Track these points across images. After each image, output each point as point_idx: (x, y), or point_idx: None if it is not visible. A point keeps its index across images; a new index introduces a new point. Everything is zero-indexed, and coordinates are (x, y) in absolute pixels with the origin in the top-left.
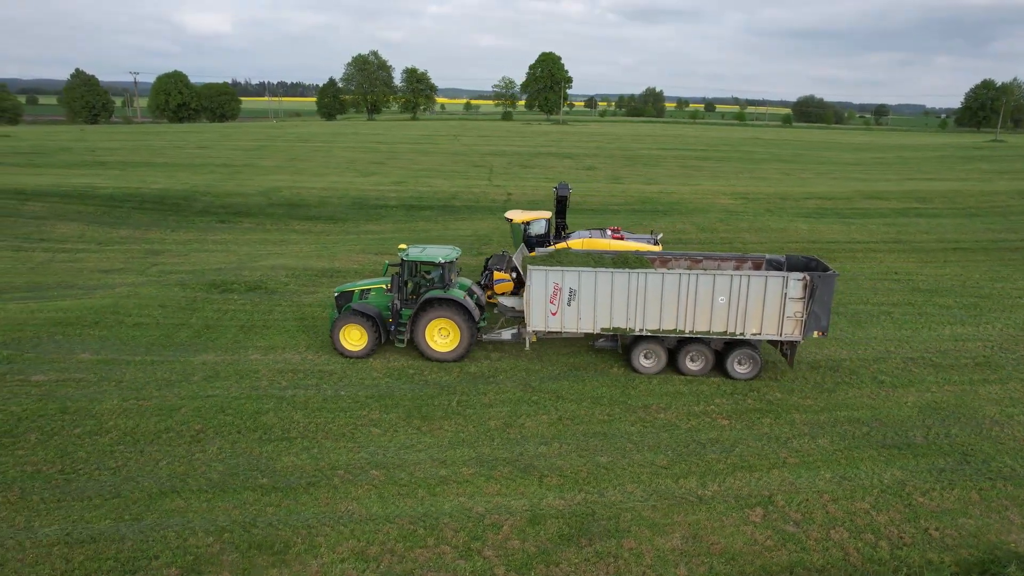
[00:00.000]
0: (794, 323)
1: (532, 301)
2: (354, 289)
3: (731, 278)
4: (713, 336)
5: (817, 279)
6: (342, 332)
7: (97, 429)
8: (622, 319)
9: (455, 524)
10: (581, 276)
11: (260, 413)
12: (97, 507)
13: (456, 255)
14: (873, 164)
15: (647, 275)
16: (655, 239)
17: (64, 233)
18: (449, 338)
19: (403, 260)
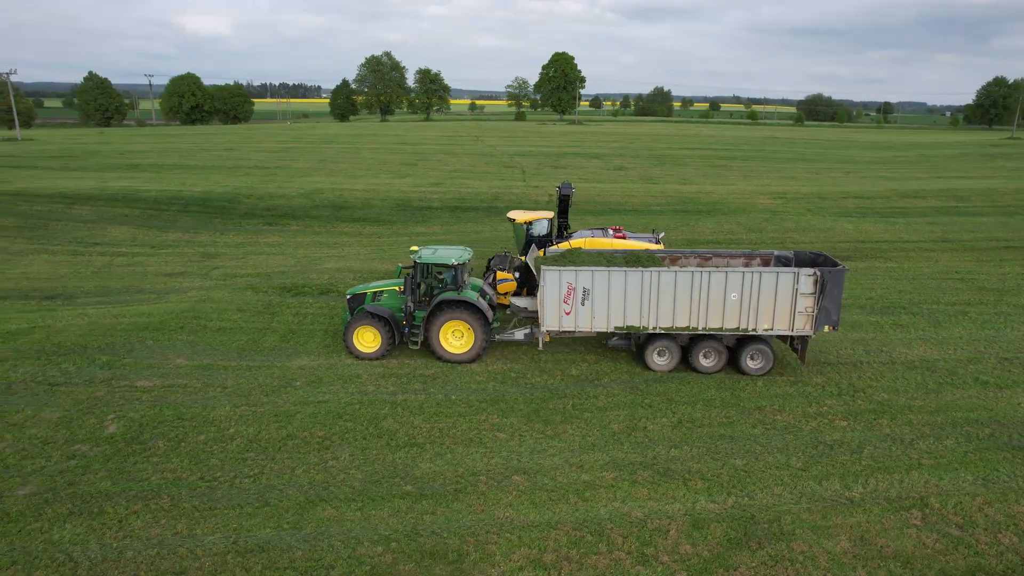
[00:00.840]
0: (805, 318)
1: (546, 301)
2: (367, 291)
3: (743, 275)
4: (726, 332)
5: (827, 274)
6: (356, 334)
7: (221, 436)
8: (636, 317)
9: (620, 530)
10: (595, 275)
11: (379, 419)
12: (251, 515)
13: (468, 256)
14: (897, 162)
15: (660, 273)
16: (657, 238)
17: (116, 236)
18: (463, 339)
19: (416, 262)
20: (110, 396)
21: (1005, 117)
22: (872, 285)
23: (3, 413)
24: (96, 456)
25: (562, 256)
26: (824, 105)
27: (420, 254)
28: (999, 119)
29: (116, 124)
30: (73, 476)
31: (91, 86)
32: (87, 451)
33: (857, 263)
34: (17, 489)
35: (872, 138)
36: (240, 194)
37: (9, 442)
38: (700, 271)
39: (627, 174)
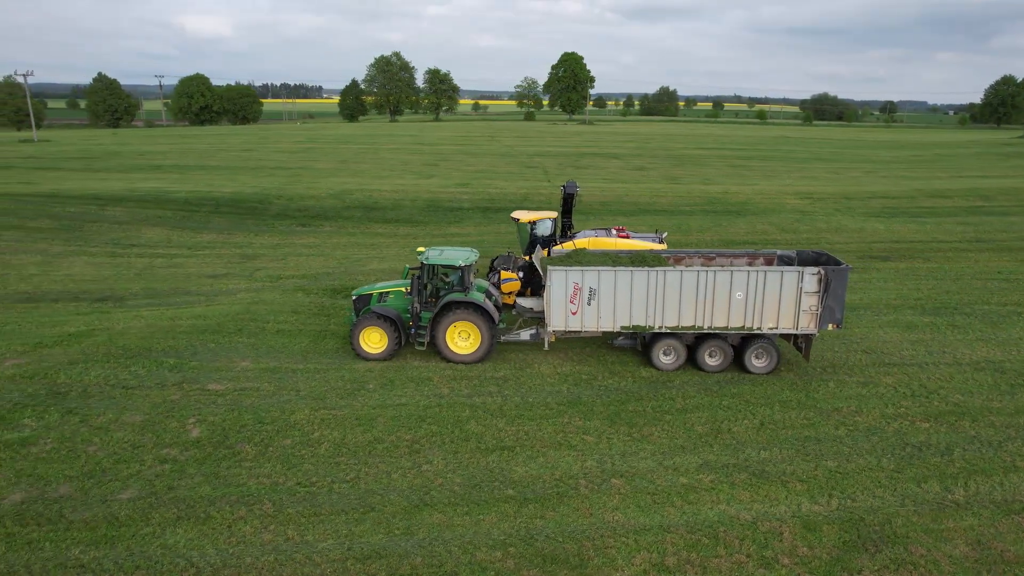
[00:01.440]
0: (809, 317)
1: (552, 301)
2: (372, 292)
3: (748, 274)
4: (731, 331)
5: (831, 273)
6: (362, 335)
7: (307, 440)
8: (642, 317)
9: (734, 533)
10: (601, 275)
11: (461, 422)
12: (358, 521)
13: (475, 258)
14: (914, 162)
15: (666, 273)
16: (660, 238)
17: (151, 238)
18: (470, 340)
19: (422, 263)
20: (185, 399)
21: (1014, 116)
22: (918, 286)
23: (86, 416)
24: (187, 460)
25: (568, 256)
26: (830, 104)
27: (427, 255)
28: (1007, 118)
29: (125, 125)
30: (170, 480)
31: (100, 87)
32: (177, 455)
33: (897, 264)
34: (119, 493)
35: (883, 137)
36: (270, 195)
37: (99, 445)
38: (706, 270)
39: (649, 174)
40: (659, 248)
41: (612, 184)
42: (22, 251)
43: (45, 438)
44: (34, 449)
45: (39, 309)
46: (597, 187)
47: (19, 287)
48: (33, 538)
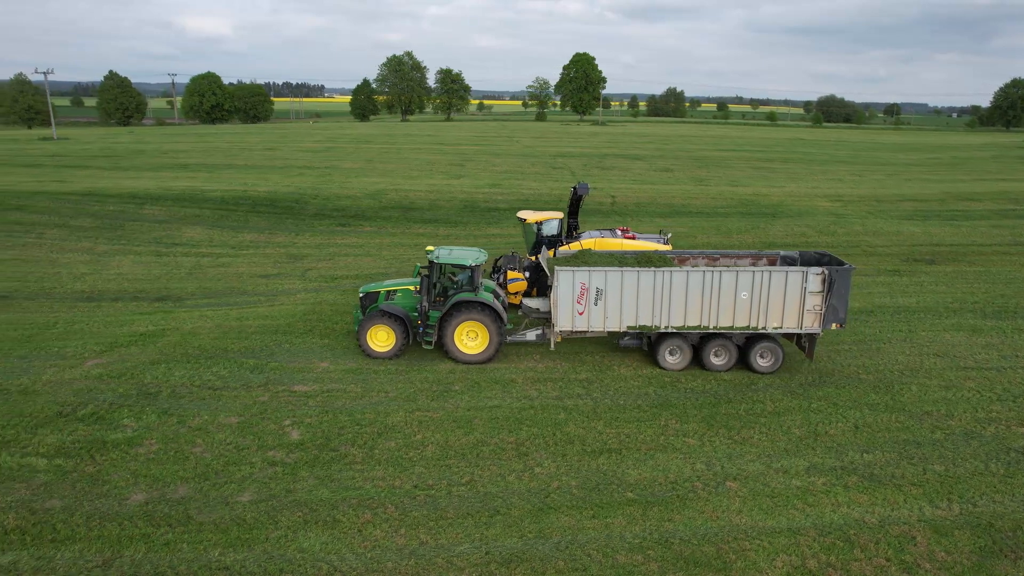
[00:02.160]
0: (813, 316)
1: (560, 301)
2: (380, 290)
3: (753, 274)
4: (736, 331)
5: (835, 273)
6: (369, 333)
7: (410, 442)
8: (648, 317)
9: (865, 536)
10: (608, 276)
11: (559, 424)
12: (486, 524)
13: (484, 258)
14: (933, 164)
15: (672, 273)
16: (665, 239)
17: (192, 237)
18: (478, 340)
19: (432, 262)
20: (275, 401)
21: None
22: (971, 289)
23: (182, 417)
24: (296, 463)
25: (574, 257)
26: (837, 106)
27: (437, 254)
28: (1017, 121)
29: (135, 123)
30: (285, 483)
31: (111, 85)
32: (283, 458)
33: (943, 267)
34: (238, 495)
35: (895, 140)
36: (305, 195)
37: (203, 447)
38: (711, 270)
39: (675, 176)
40: (665, 249)
41: (642, 185)
42: (68, 250)
43: (148, 439)
44: (141, 450)
45: (102, 308)
46: (628, 188)
47: (75, 286)
48: (169, 539)
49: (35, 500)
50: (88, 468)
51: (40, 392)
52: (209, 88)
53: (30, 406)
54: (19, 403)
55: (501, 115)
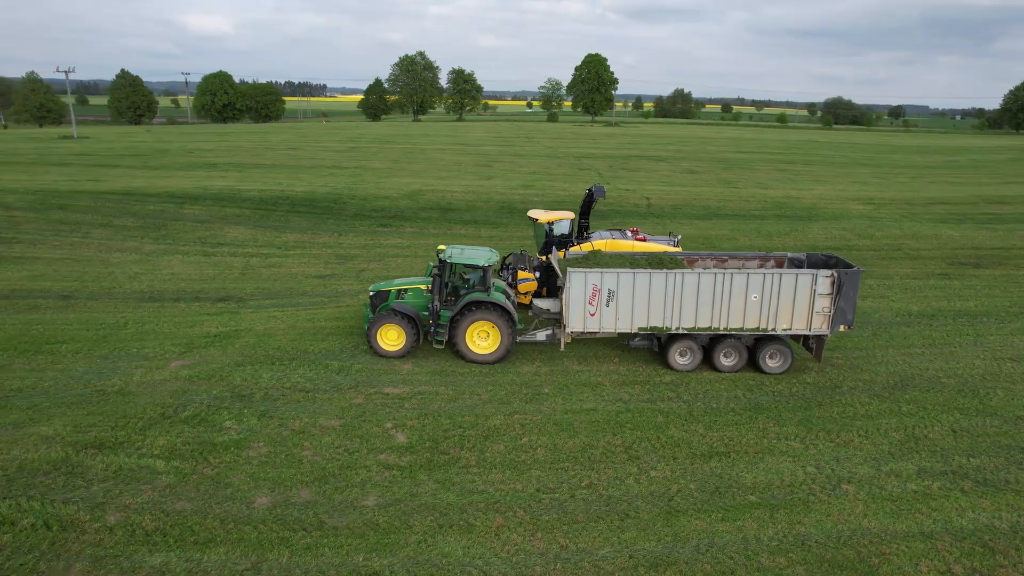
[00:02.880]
0: (822, 318)
1: (572, 302)
2: (391, 289)
3: (764, 276)
4: (746, 332)
5: (844, 276)
6: (380, 332)
7: (518, 445)
8: (659, 318)
9: (1004, 542)
10: (620, 277)
11: (660, 427)
12: (620, 528)
13: (496, 258)
14: (954, 167)
15: (684, 275)
16: (674, 241)
17: (236, 236)
18: (489, 340)
19: (444, 261)
20: (370, 403)
21: None
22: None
23: (283, 420)
24: (411, 466)
25: (585, 258)
26: (844, 108)
27: (449, 254)
28: None
29: (146, 122)
30: (407, 487)
31: (123, 84)
32: (397, 461)
33: (991, 270)
34: (363, 500)
35: (909, 142)
36: (342, 195)
37: (312, 450)
38: (723, 273)
39: (702, 178)
40: (674, 251)
41: (672, 187)
42: (116, 249)
43: (255, 441)
44: (251, 452)
45: (165, 308)
46: (660, 190)
47: (133, 286)
48: (309, 543)
49: (164, 502)
50: (206, 471)
51: (136, 393)
52: (221, 87)
53: (131, 407)
54: (119, 404)
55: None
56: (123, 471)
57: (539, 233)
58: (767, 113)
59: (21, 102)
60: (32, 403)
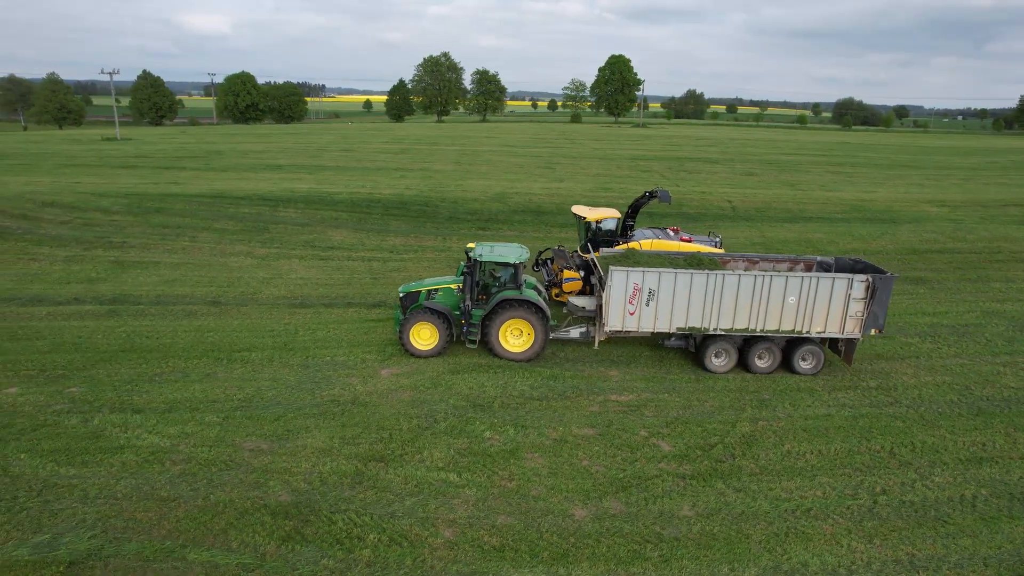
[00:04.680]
0: (855, 322)
1: (612, 301)
2: (421, 289)
3: (801, 279)
4: (781, 334)
5: (879, 280)
6: (413, 330)
7: (784, 452)
8: (697, 319)
9: None
10: (661, 277)
11: (904, 432)
12: (950, 535)
13: (527, 255)
14: (996, 168)
15: (724, 276)
16: (715, 241)
17: (342, 240)
18: (522, 338)
19: (475, 260)
20: (609, 411)
21: None
22: None
23: (537, 428)
24: (697, 474)
25: (624, 257)
26: (856, 109)
27: (479, 252)
28: None
29: (168, 122)
30: (714, 497)
31: (145, 84)
32: (679, 469)
33: None
34: (679, 509)
35: (937, 143)
36: (431, 198)
37: (590, 459)
38: (762, 275)
39: (763, 180)
40: (715, 251)
41: (742, 190)
42: (229, 253)
43: (527, 452)
44: (532, 464)
45: (321, 315)
46: (733, 192)
47: (272, 292)
48: (664, 554)
49: (486, 516)
50: (505, 483)
51: (374, 404)
52: (243, 88)
53: (381, 419)
54: (366, 415)
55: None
56: (423, 484)
57: (583, 230)
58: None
59: (42, 103)
60: (276, 414)
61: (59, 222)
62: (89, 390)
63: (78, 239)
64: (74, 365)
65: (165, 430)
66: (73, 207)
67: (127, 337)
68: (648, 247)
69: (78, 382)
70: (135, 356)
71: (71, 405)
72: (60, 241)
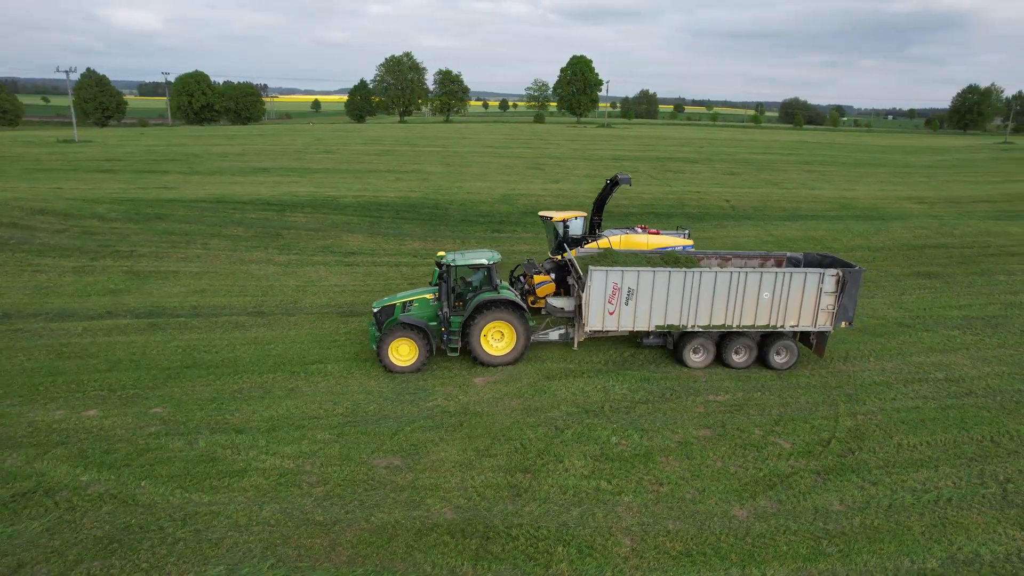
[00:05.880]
0: (827, 315)
1: (592, 301)
2: (395, 303)
3: (776, 275)
4: (756, 329)
5: (848, 274)
6: (391, 347)
7: (899, 444)
8: (676, 316)
9: None
10: (640, 276)
11: (999, 423)
12: None
13: (499, 257)
14: (946, 166)
15: (702, 273)
16: (685, 234)
17: (360, 245)
18: (504, 341)
19: (448, 266)
20: (713, 412)
21: (979, 123)
22: None
23: (659, 433)
24: (830, 470)
25: (602, 256)
26: (801, 108)
27: (451, 258)
28: (973, 124)
29: (115, 123)
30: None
31: (89, 83)
32: (808, 465)
33: None
34: (828, 504)
35: (886, 143)
36: (438, 200)
37: (722, 460)
38: (738, 271)
39: (746, 179)
40: (688, 245)
41: (732, 189)
42: (249, 261)
43: (661, 456)
44: (672, 468)
45: None
46: (725, 192)
47: (311, 300)
48: (844, 549)
49: (658, 523)
50: (659, 488)
51: (486, 413)
52: (198, 87)
53: (500, 428)
54: (480, 426)
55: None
56: (580, 494)
57: (551, 232)
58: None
59: None
60: (391, 429)
61: (55, 231)
62: (174, 410)
63: (80, 248)
64: (142, 384)
65: (280, 450)
66: (66, 214)
67: (184, 352)
68: (618, 245)
69: (157, 402)
70: (203, 372)
71: (164, 427)
72: (62, 251)
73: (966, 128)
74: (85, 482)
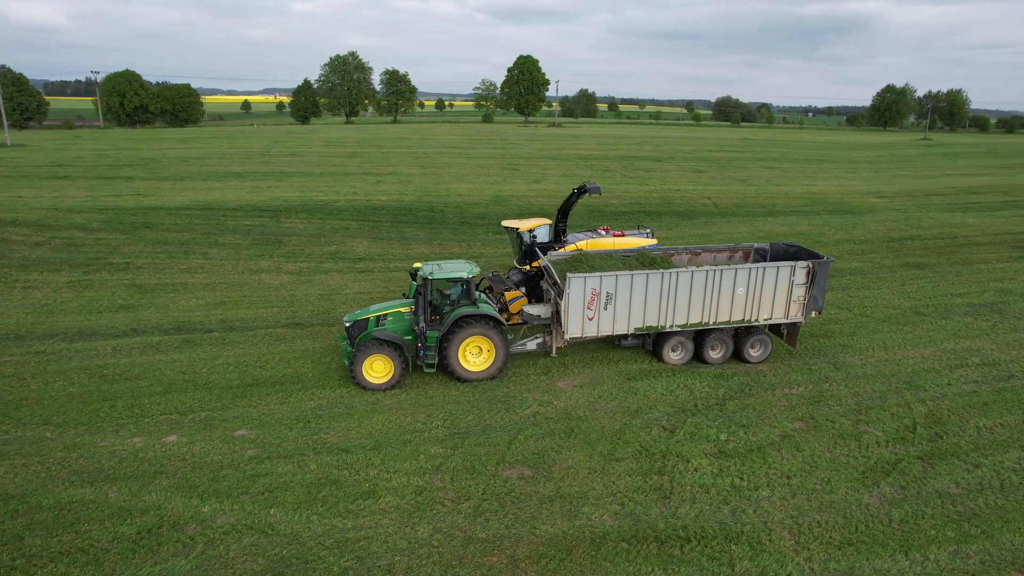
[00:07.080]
0: (799, 306)
1: (571, 308)
2: (368, 316)
3: (750, 270)
4: (731, 325)
5: (817, 266)
6: (365, 364)
7: (976, 427)
8: (655, 317)
9: None
10: (618, 279)
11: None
12: None
13: (477, 270)
14: (889, 162)
15: (679, 274)
16: (647, 232)
17: (367, 251)
18: (482, 356)
19: (425, 279)
20: (794, 404)
21: (897, 120)
22: None
23: (758, 429)
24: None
25: (574, 259)
26: (734, 107)
27: (430, 271)
28: (892, 121)
29: (36, 126)
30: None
31: (6, 82)
32: (909, 452)
33: None
34: (949, 488)
35: (822, 139)
36: (433, 203)
37: (829, 451)
38: (714, 269)
39: (714, 177)
40: (651, 244)
41: (705, 187)
42: (255, 270)
43: (777, 450)
44: (785, 461)
45: None
46: (702, 190)
47: (341, 310)
48: (980, 530)
49: (800, 514)
50: (788, 481)
51: (590, 418)
52: (130, 88)
53: (613, 432)
54: (597, 430)
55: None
56: (721, 492)
57: (517, 242)
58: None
59: None
60: (503, 439)
61: (33, 243)
62: (261, 432)
63: (68, 261)
64: (210, 405)
65: (400, 467)
66: (40, 225)
67: (237, 369)
68: (585, 248)
69: (237, 424)
70: (269, 390)
71: (261, 450)
72: (49, 265)
73: (886, 125)
74: (208, 513)
